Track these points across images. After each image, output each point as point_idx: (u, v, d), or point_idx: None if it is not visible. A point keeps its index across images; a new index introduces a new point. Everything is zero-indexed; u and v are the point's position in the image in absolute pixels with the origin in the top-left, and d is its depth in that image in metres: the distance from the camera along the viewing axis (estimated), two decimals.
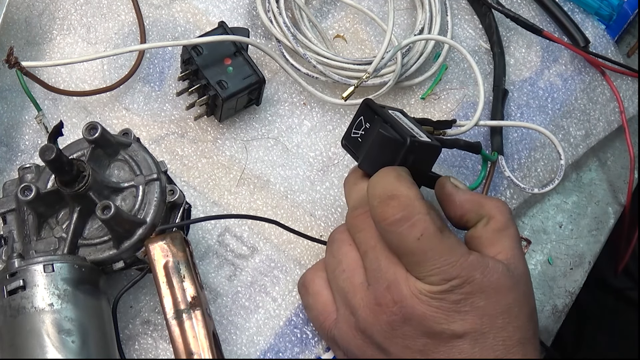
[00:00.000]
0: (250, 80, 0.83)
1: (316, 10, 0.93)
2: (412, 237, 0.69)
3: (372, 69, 0.84)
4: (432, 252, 0.69)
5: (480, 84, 0.84)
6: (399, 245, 0.70)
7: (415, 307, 0.69)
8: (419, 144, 0.74)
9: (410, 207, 0.70)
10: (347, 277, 0.74)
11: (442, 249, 0.69)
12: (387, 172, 0.73)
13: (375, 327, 0.71)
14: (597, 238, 0.92)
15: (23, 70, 0.80)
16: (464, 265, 0.69)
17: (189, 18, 0.90)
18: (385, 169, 0.73)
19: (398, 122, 0.75)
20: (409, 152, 0.73)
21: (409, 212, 0.70)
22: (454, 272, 0.69)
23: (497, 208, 0.74)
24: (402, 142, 0.73)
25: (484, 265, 0.70)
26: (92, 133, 0.73)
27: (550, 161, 0.90)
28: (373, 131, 0.75)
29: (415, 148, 0.73)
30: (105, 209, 0.70)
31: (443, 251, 0.69)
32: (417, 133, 0.75)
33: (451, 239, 0.71)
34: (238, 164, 0.86)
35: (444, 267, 0.69)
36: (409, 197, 0.70)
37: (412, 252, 0.70)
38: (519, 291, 0.71)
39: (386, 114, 0.75)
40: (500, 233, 0.73)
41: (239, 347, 0.80)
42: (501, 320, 0.69)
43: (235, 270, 0.82)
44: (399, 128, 0.74)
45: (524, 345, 0.70)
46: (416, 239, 0.69)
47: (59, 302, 0.69)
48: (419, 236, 0.69)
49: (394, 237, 0.70)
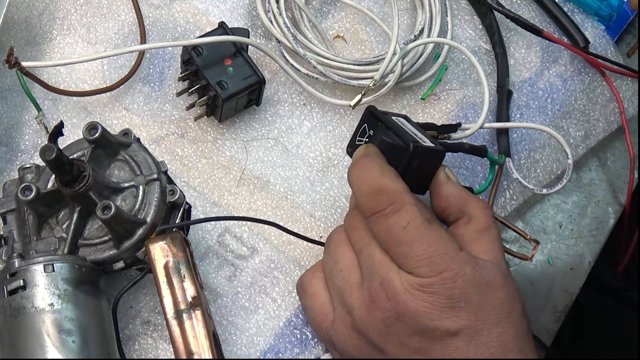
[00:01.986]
0: (250, 81, 0.83)
1: (316, 10, 0.93)
2: (398, 225, 0.70)
3: (379, 76, 0.84)
4: (419, 241, 0.69)
5: (485, 85, 0.83)
6: (386, 235, 0.70)
7: (408, 302, 0.69)
8: (422, 149, 0.74)
9: (398, 199, 0.71)
10: (343, 277, 0.74)
11: (430, 239, 0.70)
12: (369, 166, 0.73)
13: (371, 325, 0.71)
14: (597, 238, 0.92)
15: (23, 70, 0.80)
16: (454, 258, 0.69)
17: (189, 18, 0.90)
18: (364, 161, 0.73)
19: (401, 128, 0.75)
20: (413, 158, 0.73)
21: (397, 204, 0.70)
22: (443, 264, 0.69)
23: (480, 209, 0.74)
24: (405, 148, 0.74)
25: (474, 261, 0.70)
26: (93, 133, 0.73)
27: (549, 162, 0.90)
28: (377, 138, 0.75)
29: (419, 153, 0.74)
30: (105, 209, 0.70)
31: (431, 241, 0.69)
32: (420, 138, 0.75)
33: (440, 231, 0.71)
34: (238, 165, 0.86)
35: (433, 258, 0.69)
36: (397, 191, 0.71)
37: (398, 242, 0.70)
38: (509, 287, 0.71)
39: (389, 120, 0.76)
40: (482, 233, 0.73)
41: (238, 348, 0.80)
42: (494, 316, 0.69)
43: (235, 270, 0.82)
44: (402, 134, 0.74)
45: (521, 340, 0.70)
46: (402, 227, 0.70)
47: (59, 302, 0.69)
48: (405, 225, 0.70)
49: (381, 228, 0.71)
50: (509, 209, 0.88)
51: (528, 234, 0.80)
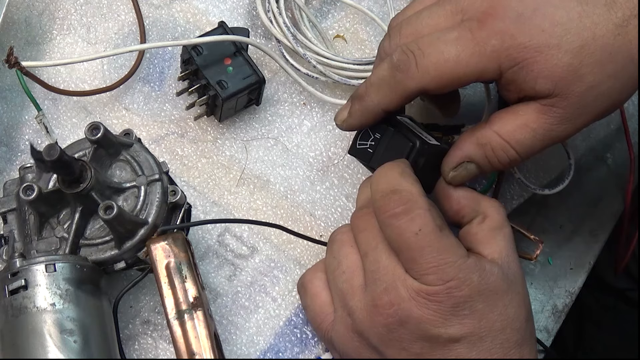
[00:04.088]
0: (250, 80, 0.83)
1: (316, 10, 0.93)
2: (410, 231, 0.69)
3: None
4: (429, 248, 0.69)
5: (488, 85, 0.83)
6: (397, 239, 0.70)
7: (412, 309, 0.69)
8: (428, 147, 0.74)
9: (411, 201, 0.70)
10: (346, 279, 0.74)
11: (440, 247, 0.69)
12: (391, 168, 0.73)
13: (372, 329, 0.71)
14: (597, 238, 0.92)
15: (23, 70, 0.80)
16: (462, 267, 0.69)
17: (189, 18, 0.90)
18: (389, 164, 0.73)
19: (407, 127, 0.75)
20: (419, 155, 0.74)
21: (410, 207, 0.70)
22: (451, 273, 0.68)
23: (493, 207, 0.74)
24: (412, 145, 0.74)
25: (481, 268, 0.70)
26: (95, 133, 0.73)
27: (550, 162, 0.90)
28: (384, 136, 0.76)
29: (425, 151, 0.74)
30: (107, 209, 0.70)
31: (441, 249, 0.69)
32: (426, 137, 0.75)
33: (450, 238, 0.70)
34: (238, 164, 0.86)
35: (441, 266, 0.68)
36: (411, 192, 0.70)
37: (409, 247, 0.69)
38: (515, 292, 0.71)
39: (395, 119, 0.76)
40: (496, 232, 0.73)
41: (239, 347, 0.80)
42: (499, 323, 0.69)
43: (235, 270, 0.82)
44: (409, 132, 0.75)
45: (521, 346, 0.70)
46: (414, 233, 0.69)
47: (60, 302, 0.68)
48: (417, 231, 0.69)
49: (392, 230, 0.70)
50: (509, 208, 0.88)
51: (532, 234, 0.80)
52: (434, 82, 0.71)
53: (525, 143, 0.71)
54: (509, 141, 0.71)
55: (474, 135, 0.73)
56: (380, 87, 0.74)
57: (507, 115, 0.72)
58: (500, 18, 0.70)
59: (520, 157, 0.72)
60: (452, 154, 0.74)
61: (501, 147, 0.72)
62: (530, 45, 0.69)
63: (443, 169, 0.75)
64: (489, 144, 0.72)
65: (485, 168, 0.74)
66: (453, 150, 0.74)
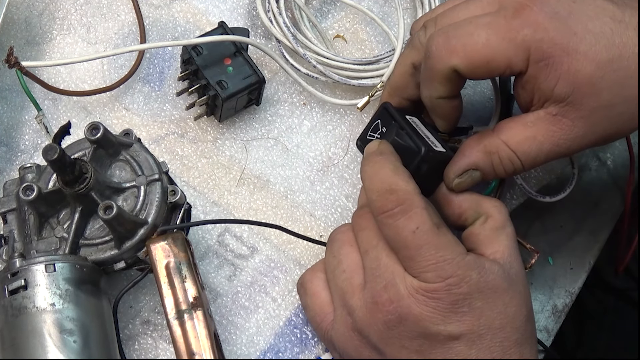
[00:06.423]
0: (250, 80, 0.83)
1: (316, 10, 0.93)
2: (407, 229, 0.69)
3: (387, 77, 0.84)
4: (427, 246, 0.69)
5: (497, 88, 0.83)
6: (395, 237, 0.70)
7: (411, 307, 0.69)
8: (433, 154, 0.74)
9: (408, 201, 0.70)
10: (346, 278, 0.74)
11: (438, 244, 0.69)
12: (383, 165, 0.72)
13: (372, 327, 0.71)
14: (597, 238, 0.92)
15: (23, 70, 0.80)
16: (460, 264, 0.69)
17: (189, 18, 0.90)
18: (379, 159, 0.73)
19: (415, 130, 0.75)
20: (423, 161, 0.74)
21: (407, 206, 0.70)
22: (450, 270, 0.68)
23: (495, 207, 0.74)
24: (417, 151, 0.74)
25: (481, 266, 0.70)
26: (95, 133, 0.73)
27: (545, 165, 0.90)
28: (389, 136, 0.75)
29: (430, 157, 0.74)
30: (107, 209, 0.70)
31: (438, 246, 0.69)
32: (432, 142, 0.75)
33: (448, 236, 0.70)
34: (238, 164, 0.86)
35: (440, 264, 0.69)
36: (407, 191, 0.71)
37: (406, 246, 0.69)
38: (515, 292, 0.71)
39: (403, 119, 0.76)
40: (498, 231, 0.73)
41: (238, 347, 0.80)
42: (499, 321, 0.69)
43: (235, 270, 0.82)
44: (415, 136, 0.74)
45: (521, 345, 0.70)
46: (412, 231, 0.69)
47: (60, 302, 0.68)
48: (414, 229, 0.69)
49: (390, 229, 0.70)
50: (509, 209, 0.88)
51: (528, 244, 0.80)
52: (463, 63, 0.71)
53: (531, 155, 0.72)
54: (516, 152, 0.72)
55: (482, 143, 0.73)
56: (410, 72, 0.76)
57: (516, 125, 0.72)
58: (537, 11, 0.70)
59: (524, 168, 0.73)
60: (458, 161, 0.74)
61: (509, 157, 0.72)
62: (561, 44, 0.69)
63: (447, 176, 0.75)
64: (497, 153, 0.73)
65: (489, 176, 0.74)
66: (458, 157, 0.74)
